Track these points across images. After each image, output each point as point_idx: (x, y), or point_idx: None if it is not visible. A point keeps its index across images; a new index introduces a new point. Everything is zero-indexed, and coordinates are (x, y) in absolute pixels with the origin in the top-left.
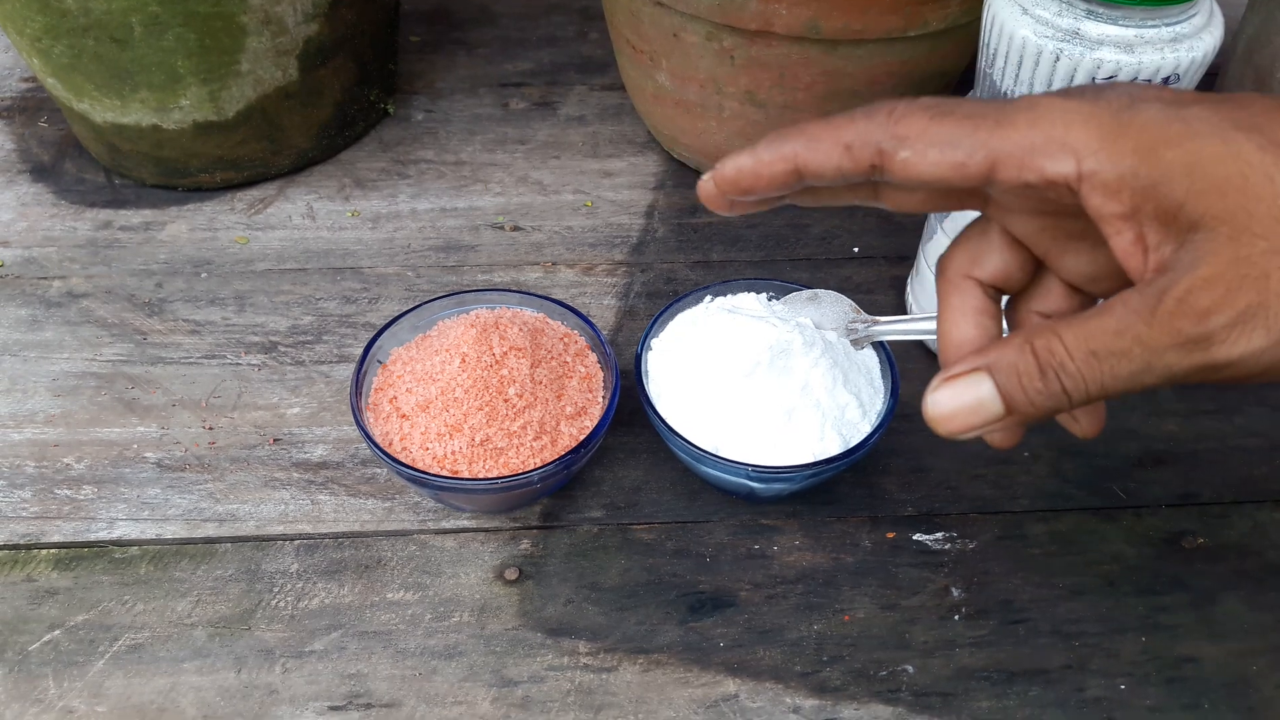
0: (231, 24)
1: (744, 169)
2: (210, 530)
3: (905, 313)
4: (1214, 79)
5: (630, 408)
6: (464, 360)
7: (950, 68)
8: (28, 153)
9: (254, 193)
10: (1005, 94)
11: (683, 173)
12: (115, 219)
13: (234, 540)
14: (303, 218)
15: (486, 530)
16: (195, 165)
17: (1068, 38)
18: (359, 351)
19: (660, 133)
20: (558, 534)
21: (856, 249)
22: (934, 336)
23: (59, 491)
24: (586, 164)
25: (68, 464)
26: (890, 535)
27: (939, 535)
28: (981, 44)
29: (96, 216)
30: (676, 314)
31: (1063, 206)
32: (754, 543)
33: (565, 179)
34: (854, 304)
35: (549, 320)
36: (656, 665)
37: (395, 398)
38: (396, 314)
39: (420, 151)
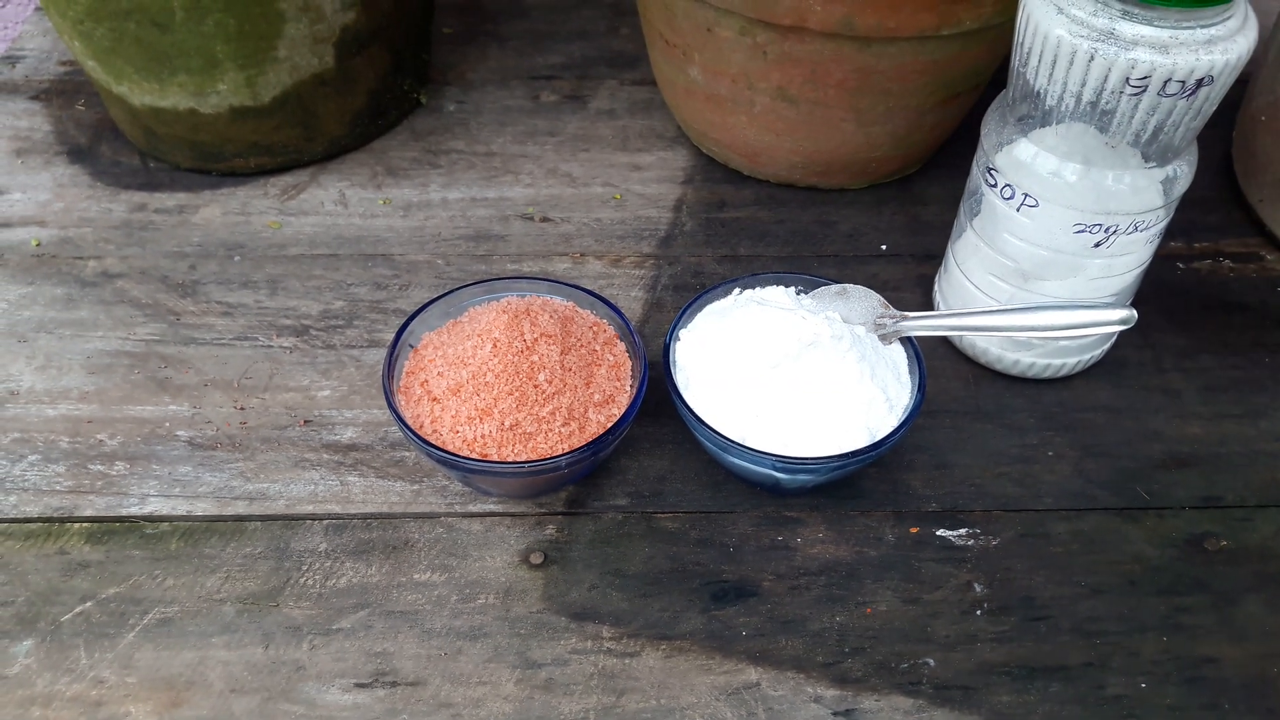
0: (270, 10)
1: None
2: (240, 508)
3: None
4: (1245, 86)
5: (657, 398)
6: (495, 345)
7: (983, 67)
8: (65, 135)
9: (287, 179)
10: (1039, 93)
11: (712, 168)
12: (150, 201)
13: (263, 519)
14: (335, 204)
15: (513, 515)
16: (230, 150)
17: (1103, 38)
18: (389, 337)
19: (690, 127)
20: (583, 520)
21: (884, 246)
22: (962, 333)
23: (92, 467)
24: (616, 157)
25: (101, 440)
26: (914, 530)
27: (962, 531)
28: (1015, 43)
29: (131, 199)
30: (705, 305)
31: None
32: (777, 534)
33: (594, 172)
34: (883, 299)
35: (578, 309)
36: (679, 652)
37: (426, 381)
38: (428, 299)
39: (451, 142)
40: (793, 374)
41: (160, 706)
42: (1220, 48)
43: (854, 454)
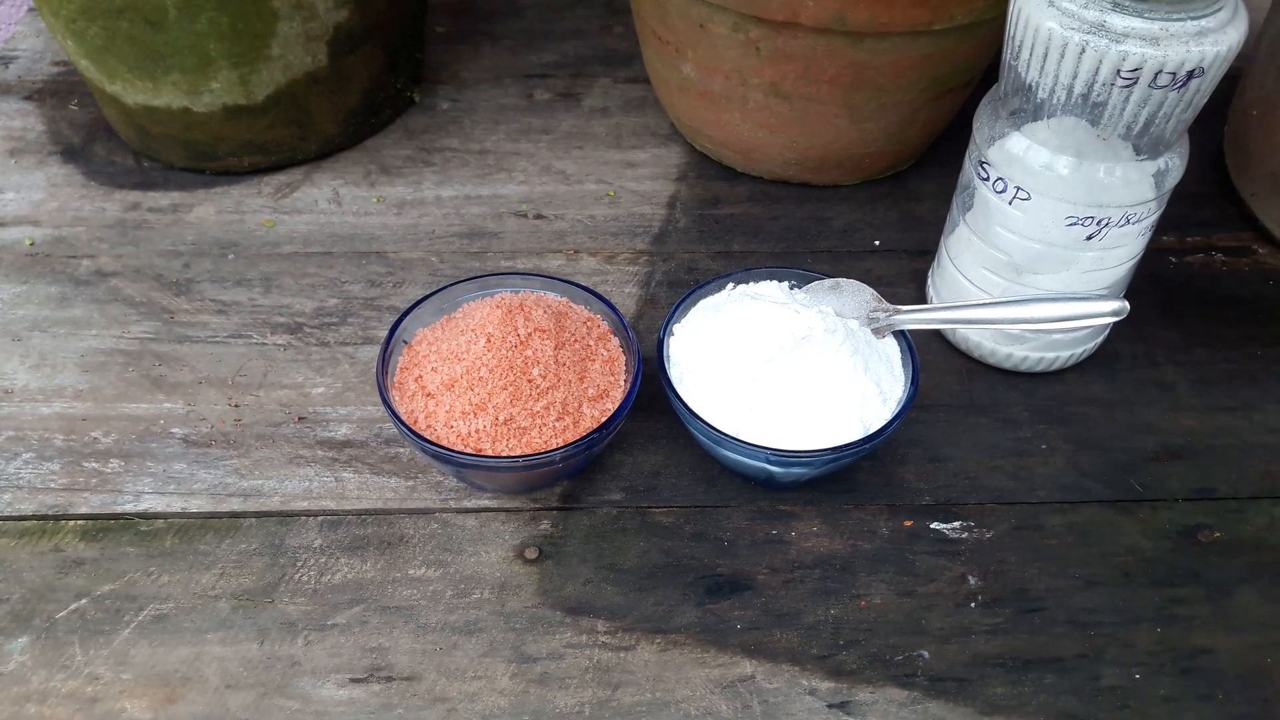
0: (264, 8)
1: None
2: (235, 505)
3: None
4: (1236, 81)
5: (650, 393)
6: (489, 340)
7: (975, 62)
8: (58, 135)
9: (281, 177)
10: (1030, 87)
11: (705, 164)
12: (144, 200)
13: (258, 515)
14: (329, 203)
15: (507, 510)
16: (224, 149)
17: (1093, 30)
18: (383, 334)
19: (684, 124)
20: (577, 515)
21: (878, 242)
22: (954, 326)
23: (87, 464)
24: (609, 154)
25: (95, 438)
26: (908, 523)
27: (956, 524)
28: (1007, 36)
29: (125, 198)
30: (699, 300)
31: None
32: (772, 528)
33: (588, 169)
34: (875, 293)
35: (572, 305)
36: (674, 645)
37: (420, 376)
38: (421, 296)
39: (445, 140)
40: (786, 368)
41: (156, 703)
42: (1211, 39)
43: (847, 447)
